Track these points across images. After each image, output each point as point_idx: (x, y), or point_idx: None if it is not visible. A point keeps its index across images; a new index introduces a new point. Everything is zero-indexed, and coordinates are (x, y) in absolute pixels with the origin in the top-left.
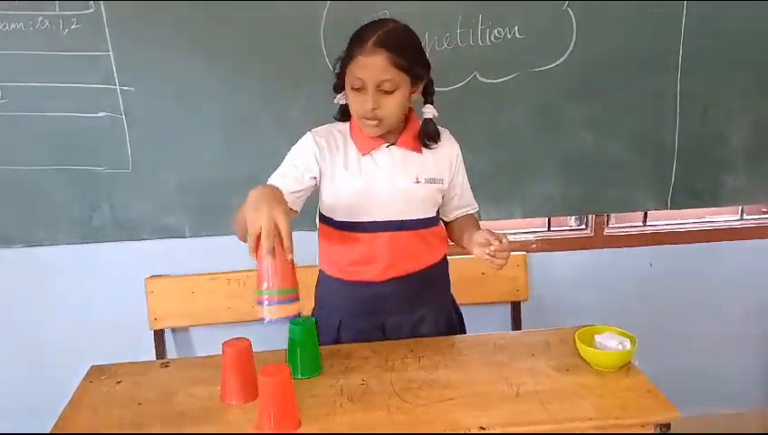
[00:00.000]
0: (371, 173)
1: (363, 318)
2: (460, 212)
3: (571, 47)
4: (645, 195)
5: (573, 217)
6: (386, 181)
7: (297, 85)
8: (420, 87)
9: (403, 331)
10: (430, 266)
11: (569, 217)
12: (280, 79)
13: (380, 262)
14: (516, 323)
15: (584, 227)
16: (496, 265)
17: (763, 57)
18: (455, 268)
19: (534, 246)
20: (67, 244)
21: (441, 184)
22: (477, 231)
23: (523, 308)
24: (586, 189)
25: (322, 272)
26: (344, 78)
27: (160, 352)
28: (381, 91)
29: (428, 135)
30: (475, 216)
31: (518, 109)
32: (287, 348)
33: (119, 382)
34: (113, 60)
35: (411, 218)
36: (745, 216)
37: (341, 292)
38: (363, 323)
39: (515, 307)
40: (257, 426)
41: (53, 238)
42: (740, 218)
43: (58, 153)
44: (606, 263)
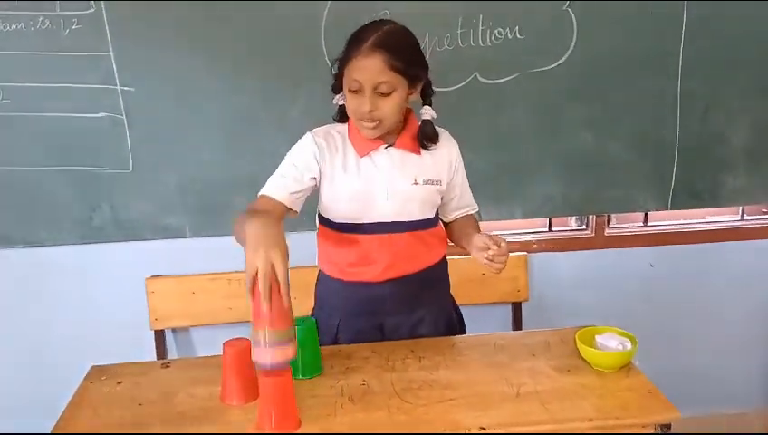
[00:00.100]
0: (370, 175)
1: (362, 318)
2: (460, 213)
3: (572, 47)
4: (645, 195)
5: (574, 218)
6: (384, 183)
7: (297, 85)
8: (418, 88)
9: (402, 331)
10: (429, 267)
11: (569, 218)
12: (280, 79)
13: (379, 263)
14: (517, 323)
15: (585, 228)
16: (495, 269)
17: (764, 57)
18: (455, 269)
19: (535, 247)
20: (68, 244)
21: (440, 185)
22: (476, 234)
23: (524, 308)
24: (587, 190)
25: (322, 272)
26: (342, 79)
27: (161, 352)
28: (378, 93)
29: (427, 136)
30: (475, 216)
31: (519, 109)
32: None
33: (119, 383)
34: (114, 60)
35: (410, 220)
36: (746, 216)
37: (341, 292)
38: (362, 323)
39: (516, 308)
40: (257, 426)
41: (54, 239)
42: (740, 219)
43: (58, 153)
44: (606, 263)
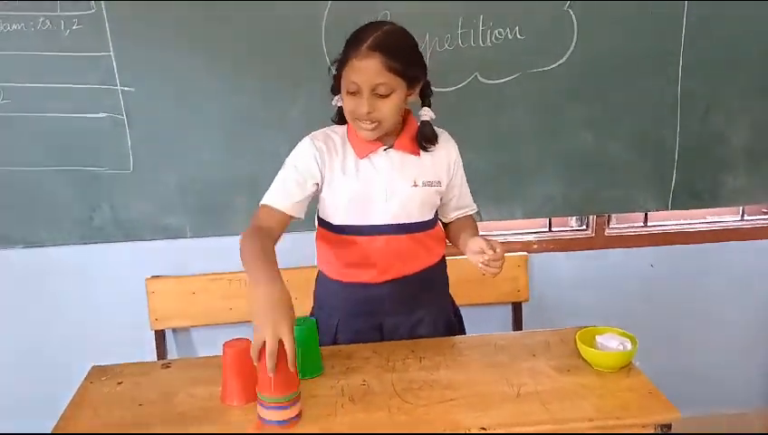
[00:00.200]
0: (369, 177)
1: (361, 319)
2: (458, 213)
3: (572, 48)
4: (646, 195)
5: (574, 218)
6: (384, 185)
7: (297, 85)
8: (417, 89)
9: (401, 332)
10: (428, 268)
11: (570, 218)
12: (280, 79)
13: (378, 265)
14: (517, 323)
15: (585, 228)
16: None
17: (764, 58)
18: (455, 269)
19: (535, 247)
20: (68, 244)
21: (439, 186)
22: (473, 238)
23: (524, 309)
24: (587, 190)
25: (321, 273)
26: (341, 81)
27: (161, 352)
28: (377, 94)
29: (426, 138)
30: (474, 217)
31: (519, 109)
32: None
33: (120, 383)
34: (114, 60)
35: (409, 222)
36: (746, 216)
37: (340, 293)
38: (361, 323)
39: (516, 308)
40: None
41: (54, 239)
42: (741, 219)
43: (59, 153)
44: (607, 263)
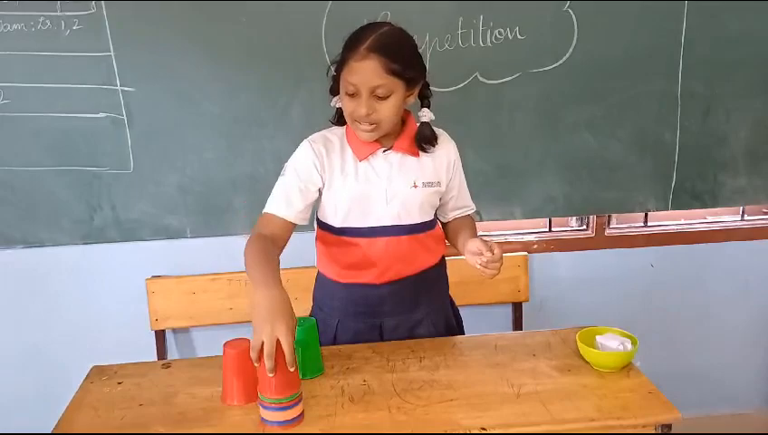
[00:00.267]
0: (368, 178)
1: (361, 319)
2: (457, 213)
3: (572, 48)
4: (646, 195)
5: (574, 218)
6: (383, 186)
7: (297, 85)
8: (416, 91)
9: (400, 332)
10: (428, 269)
11: (570, 218)
12: (280, 79)
13: (378, 266)
14: (517, 323)
15: (585, 228)
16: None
17: (764, 58)
18: (455, 269)
19: (535, 247)
20: (68, 244)
21: (438, 187)
22: (471, 239)
23: (524, 309)
24: (587, 190)
25: (321, 273)
26: (339, 82)
27: (161, 352)
28: (375, 96)
29: (425, 139)
30: (473, 217)
31: (519, 109)
32: None
33: (120, 383)
34: (114, 60)
35: (408, 223)
36: (746, 216)
37: (339, 293)
38: (361, 324)
39: (516, 308)
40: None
41: (55, 239)
42: (741, 219)
43: (59, 154)
44: (607, 263)
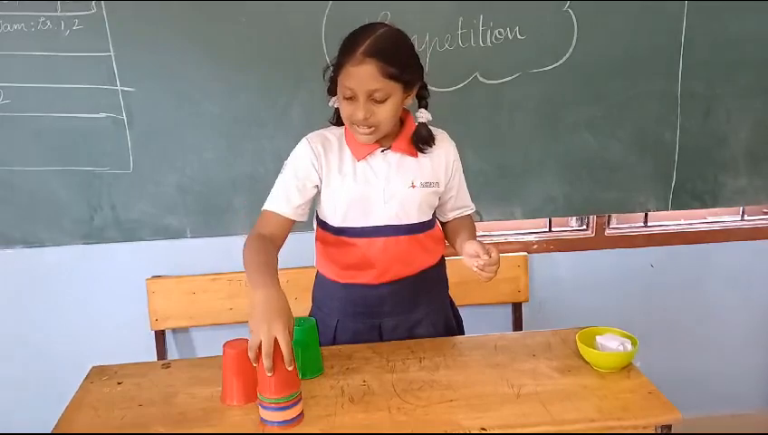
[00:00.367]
0: (367, 178)
1: (360, 319)
2: (456, 213)
3: (572, 48)
4: (646, 195)
5: (574, 218)
6: (381, 186)
7: (297, 85)
8: (414, 92)
9: (400, 332)
10: (427, 269)
11: (570, 218)
12: (280, 79)
13: (376, 266)
14: (517, 324)
15: (585, 228)
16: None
17: (765, 58)
18: (455, 269)
19: (535, 247)
20: (68, 244)
21: (437, 187)
22: (468, 241)
23: (524, 309)
24: (587, 190)
25: (320, 273)
26: (337, 84)
27: (161, 352)
28: (373, 99)
29: (422, 139)
30: (472, 217)
31: (519, 109)
32: None
33: (120, 383)
34: (114, 60)
35: (407, 223)
36: (746, 216)
37: (338, 294)
38: (360, 324)
39: (516, 308)
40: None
41: (55, 239)
42: (741, 219)
43: (59, 154)
44: (607, 264)
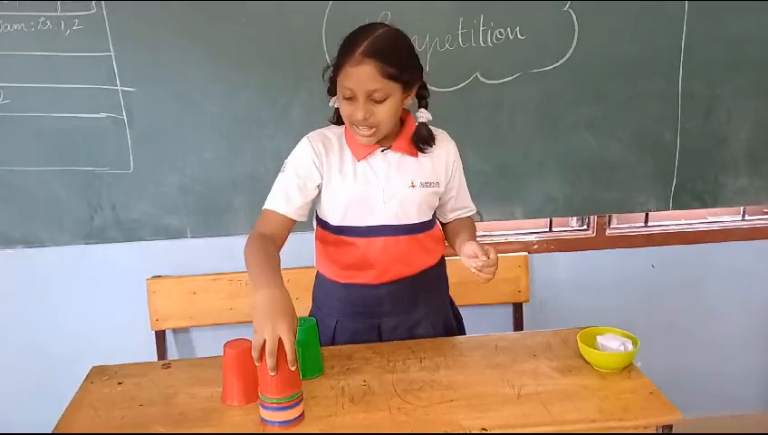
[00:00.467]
0: (367, 178)
1: (360, 320)
2: (456, 214)
3: (573, 48)
4: (647, 196)
5: (575, 218)
6: (381, 186)
7: (297, 85)
8: (413, 92)
9: (400, 332)
10: (427, 269)
11: (570, 218)
12: (280, 79)
13: (376, 266)
14: (518, 324)
15: (586, 228)
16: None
17: (765, 59)
18: (456, 269)
19: (536, 247)
20: (68, 244)
21: (437, 187)
22: (467, 242)
23: (525, 309)
24: (587, 190)
25: (320, 273)
26: (336, 84)
27: (161, 352)
28: (372, 100)
29: (422, 139)
30: (473, 218)
31: (519, 109)
32: None
33: (120, 383)
34: (114, 60)
35: (407, 223)
36: (747, 216)
37: (338, 294)
38: (359, 324)
39: (517, 308)
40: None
41: (55, 239)
42: (741, 219)
43: (59, 154)
44: (607, 264)
